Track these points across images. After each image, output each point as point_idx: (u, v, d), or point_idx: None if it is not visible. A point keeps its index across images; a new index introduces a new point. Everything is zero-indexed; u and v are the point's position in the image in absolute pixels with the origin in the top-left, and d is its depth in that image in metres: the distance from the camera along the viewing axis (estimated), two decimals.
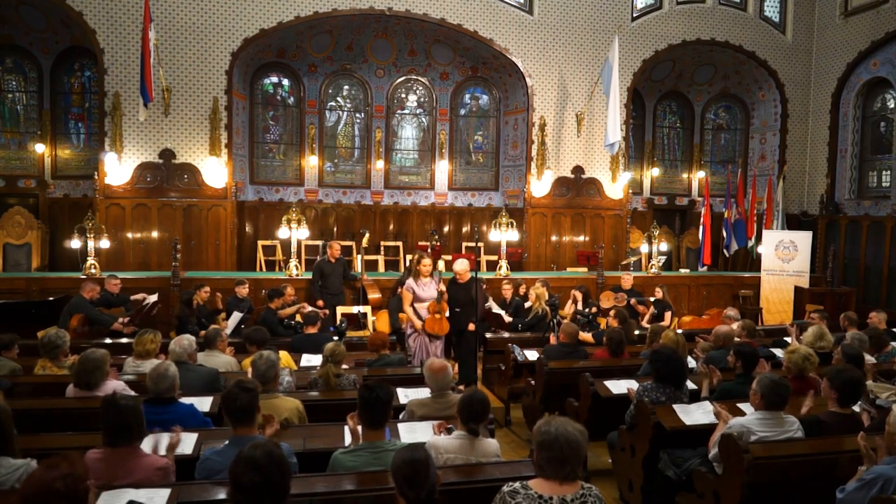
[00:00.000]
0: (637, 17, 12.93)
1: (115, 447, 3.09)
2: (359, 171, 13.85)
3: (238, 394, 3.23)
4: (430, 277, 7.02)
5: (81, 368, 4.37)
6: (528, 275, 10.79)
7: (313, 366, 5.63)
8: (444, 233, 13.61)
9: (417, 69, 13.59)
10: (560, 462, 2.52)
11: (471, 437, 3.39)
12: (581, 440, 2.54)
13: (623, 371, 5.67)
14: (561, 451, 2.51)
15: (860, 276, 12.50)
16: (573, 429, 2.56)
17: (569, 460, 2.51)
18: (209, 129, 11.39)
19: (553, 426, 2.56)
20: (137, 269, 10.77)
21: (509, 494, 2.53)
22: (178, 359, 4.73)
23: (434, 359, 4.34)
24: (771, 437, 3.77)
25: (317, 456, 3.51)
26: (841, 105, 13.18)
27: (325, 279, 9.22)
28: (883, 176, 12.70)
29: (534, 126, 12.64)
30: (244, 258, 12.36)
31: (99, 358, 4.40)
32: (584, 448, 2.56)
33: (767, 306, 11.39)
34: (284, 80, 13.29)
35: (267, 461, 2.37)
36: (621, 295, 9.34)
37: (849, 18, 12.86)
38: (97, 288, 7.91)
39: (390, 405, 3.34)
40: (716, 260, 13.39)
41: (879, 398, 4.63)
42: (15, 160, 12.39)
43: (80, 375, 4.37)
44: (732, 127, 14.88)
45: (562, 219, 12.89)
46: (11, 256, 11.43)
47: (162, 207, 11.31)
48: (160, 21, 10.99)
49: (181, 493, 2.94)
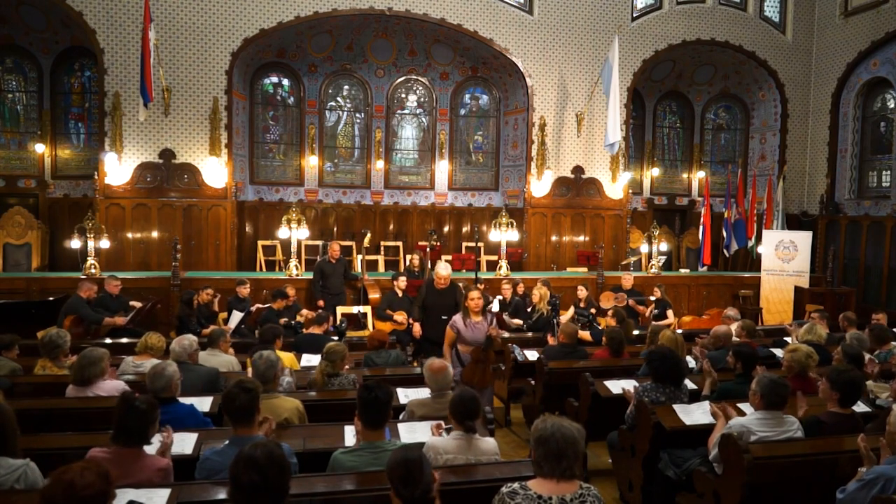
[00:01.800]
0: (637, 17, 12.93)
1: (124, 447, 3.09)
2: (359, 171, 13.85)
3: (238, 394, 3.23)
4: (482, 317, 5.82)
5: (79, 364, 4.40)
6: (528, 275, 10.80)
7: (314, 366, 5.63)
8: (444, 233, 13.61)
9: (417, 69, 13.59)
10: (556, 457, 2.53)
11: (468, 435, 3.40)
12: (577, 436, 2.56)
13: (623, 371, 5.68)
14: (557, 447, 2.53)
15: (860, 276, 12.50)
16: (569, 425, 2.59)
17: (565, 455, 2.53)
18: (209, 129, 11.39)
19: (549, 423, 2.60)
20: (137, 269, 10.77)
21: (508, 495, 2.53)
22: (179, 358, 4.74)
23: (434, 359, 4.33)
24: (771, 437, 3.77)
25: (317, 456, 3.51)
26: (841, 105, 13.18)
27: (326, 279, 9.23)
28: (883, 176, 12.70)
29: (534, 126, 12.64)
30: (244, 258, 12.36)
31: (97, 356, 4.42)
32: (581, 445, 2.57)
33: (767, 306, 11.39)
34: (284, 80, 13.29)
35: (267, 461, 2.37)
36: (621, 295, 9.35)
37: (849, 18, 12.86)
38: (94, 287, 7.89)
39: (390, 405, 3.34)
40: (716, 260, 13.39)
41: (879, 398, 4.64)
42: (15, 160, 12.40)
43: (77, 371, 4.40)
44: (732, 127, 14.88)
45: (562, 219, 12.89)
46: (11, 256, 11.43)
47: (162, 207, 11.31)
48: (160, 21, 10.99)
49: (181, 493, 2.94)
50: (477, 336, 5.74)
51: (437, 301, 6.76)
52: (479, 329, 5.77)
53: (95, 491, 2.12)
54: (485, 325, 5.79)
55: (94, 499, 2.12)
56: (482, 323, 5.79)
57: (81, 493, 2.09)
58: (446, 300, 6.75)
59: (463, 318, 5.77)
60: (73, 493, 2.09)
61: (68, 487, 2.10)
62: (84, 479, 2.12)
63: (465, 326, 5.74)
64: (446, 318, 6.13)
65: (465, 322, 5.74)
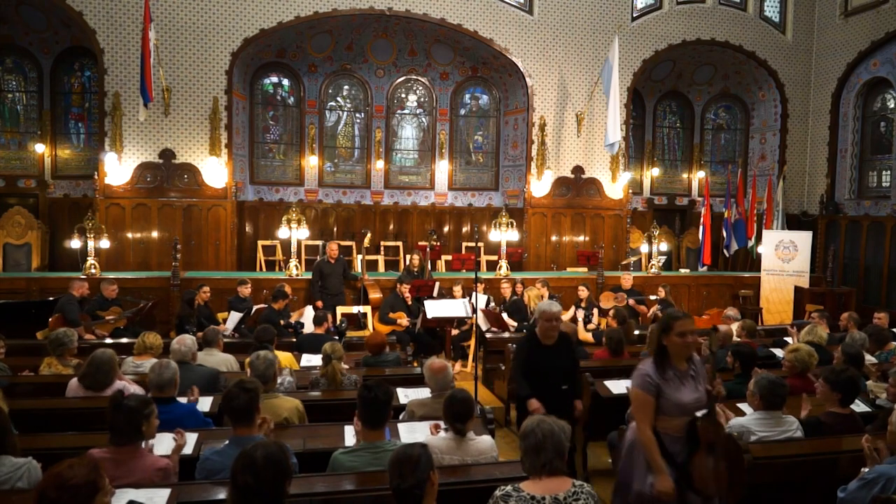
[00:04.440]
0: (637, 17, 12.93)
1: (120, 446, 3.10)
2: (359, 171, 13.85)
3: (237, 393, 3.23)
4: (687, 364, 3.39)
5: (91, 369, 4.36)
6: (528, 275, 10.80)
7: (314, 366, 5.64)
8: (444, 233, 13.61)
9: (417, 69, 13.60)
10: (535, 450, 2.60)
11: (457, 437, 3.41)
12: (558, 432, 2.62)
13: (623, 371, 5.67)
14: (536, 440, 2.60)
15: (860, 276, 12.50)
16: (553, 422, 2.66)
17: (543, 448, 2.59)
18: (209, 129, 11.39)
19: (533, 420, 2.69)
20: (137, 269, 10.78)
21: (502, 498, 2.56)
22: (180, 358, 4.73)
23: (434, 359, 4.33)
24: (770, 437, 3.78)
25: (317, 456, 3.52)
26: (841, 105, 13.17)
27: (325, 280, 9.23)
28: (883, 176, 12.70)
29: (534, 126, 12.64)
30: (244, 258, 12.36)
31: (108, 359, 4.40)
32: (562, 439, 2.63)
33: (767, 306, 11.40)
34: (284, 80, 13.29)
35: (264, 464, 2.37)
36: (621, 295, 9.35)
37: (849, 18, 12.86)
38: (86, 285, 7.92)
39: (390, 405, 3.34)
40: (716, 260, 13.39)
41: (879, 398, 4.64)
42: (15, 160, 12.40)
43: (90, 376, 4.35)
44: (732, 127, 14.88)
45: (562, 219, 12.89)
46: (11, 256, 11.43)
47: (162, 207, 11.31)
48: (160, 21, 10.99)
49: (181, 493, 2.94)
50: (693, 397, 3.32)
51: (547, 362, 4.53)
52: (693, 383, 3.35)
53: (83, 481, 2.18)
54: (700, 371, 3.41)
55: (83, 488, 2.17)
56: (697, 369, 3.40)
57: (69, 482, 2.16)
58: (560, 359, 4.59)
59: (657, 369, 3.32)
60: (61, 483, 2.16)
61: (57, 478, 2.17)
62: (72, 472, 2.18)
63: (667, 381, 3.30)
64: (567, 388, 4.55)
65: (663, 374, 3.31)
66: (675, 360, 3.33)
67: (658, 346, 3.35)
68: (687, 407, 3.29)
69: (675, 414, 3.28)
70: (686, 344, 3.29)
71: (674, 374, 3.31)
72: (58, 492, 2.14)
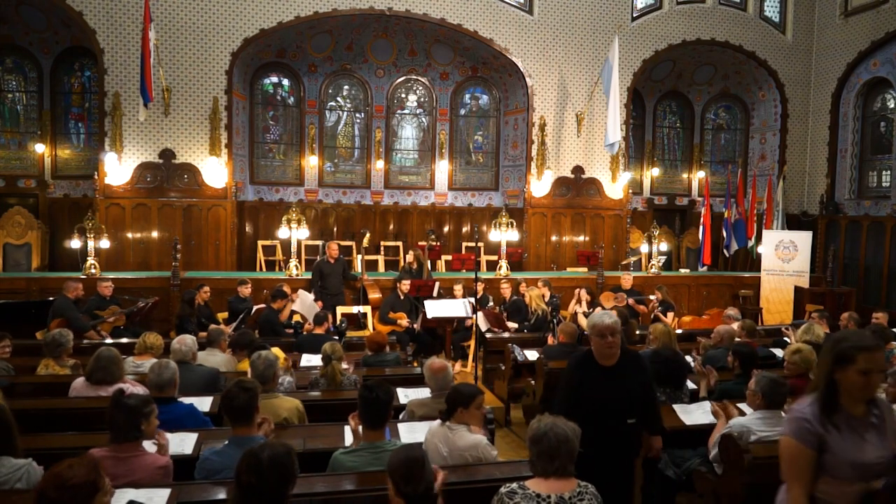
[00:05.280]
0: (637, 17, 12.93)
1: (119, 444, 3.10)
2: (359, 171, 13.85)
3: (237, 393, 3.23)
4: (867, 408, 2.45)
5: (100, 364, 4.36)
6: (528, 275, 10.80)
7: (314, 366, 5.63)
8: (444, 233, 13.61)
9: (417, 69, 13.59)
10: (549, 456, 2.58)
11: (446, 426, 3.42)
12: (570, 435, 2.61)
13: None
14: (550, 445, 2.58)
15: (860, 276, 12.50)
16: (563, 425, 2.64)
17: (558, 454, 2.58)
18: (209, 129, 11.39)
19: (544, 422, 2.66)
20: (137, 269, 10.78)
21: (507, 495, 2.56)
22: (180, 358, 4.73)
23: (434, 359, 4.33)
24: (771, 437, 3.77)
25: (317, 456, 3.51)
26: (841, 105, 13.17)
27: (325, 280, 9.23)
28: (883, 176, 12.70)
29: (534, 126, 12.64)
30: (244, 258, 12.36)
31: (114, 356, 4.40)
32: (575, 443, 2.62)
33: (767, 306, 11.39)
34: (284, 80, 13.29)
35: (269, 465, 2.37)
36: (621, 295, 9.34)
37: (849, 18, 12.86)
38: (80, 286, 7.85)
39: (390, 405, 3.34)
40: (716, 260, 13.39)
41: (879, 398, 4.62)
42: (15, 160, 12.40)
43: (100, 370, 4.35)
44: (732, 127, 14.87)
45: (562, 219, 12.89)
46: (11, 256, 11.43)
47: (162, 207, 11.31)
48: (160, 21, 10.99)
49: (181, 493, 2.94)
50: (876, 455, 2.38)
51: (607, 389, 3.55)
52: (878, 435, 2.41)
53: (83, 481, 2.17)
54: (889, 418, 2.47)
55: (82, 488, 2.17)
56: (882, 415, 2.45)
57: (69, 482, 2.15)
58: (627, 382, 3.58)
59: (821, 413, 2.37)
60: (61, 483, 2.15)
61: (57, 478, 2.17)
62: (72, 471, 2.18)
63: (835, 431, 2.35)
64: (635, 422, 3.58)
65: (830, 421, 2.36)
66: (848, 402, 2.37)
67: (827, 381, 2.37)
68: (867, 468, 2.33)
69: (847, 477, 2.32)
70: (870, 385, 2.37)
71: (846, 422, 2.35)
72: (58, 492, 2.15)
